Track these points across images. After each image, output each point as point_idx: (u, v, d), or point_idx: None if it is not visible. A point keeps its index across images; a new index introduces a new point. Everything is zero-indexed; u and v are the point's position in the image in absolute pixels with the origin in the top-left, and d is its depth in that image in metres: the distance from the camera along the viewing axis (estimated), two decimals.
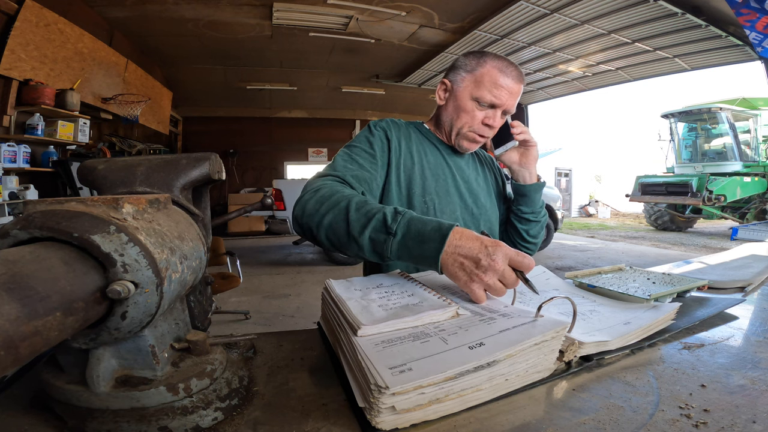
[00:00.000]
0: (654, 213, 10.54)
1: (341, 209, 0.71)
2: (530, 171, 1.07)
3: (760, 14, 4.11)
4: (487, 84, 0.97)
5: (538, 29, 5.91)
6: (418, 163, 1.04)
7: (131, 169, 0.56)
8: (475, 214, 1.08)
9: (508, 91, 0.97)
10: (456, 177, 1.08)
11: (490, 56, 1.00)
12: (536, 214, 1.11)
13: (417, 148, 1.06)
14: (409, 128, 1.10)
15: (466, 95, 1.00)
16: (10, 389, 0.50)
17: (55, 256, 0.35)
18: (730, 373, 0.54)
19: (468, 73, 1.01)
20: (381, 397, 0.41)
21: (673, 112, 9.97)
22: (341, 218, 0.70)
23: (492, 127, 1.01)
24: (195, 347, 0.48)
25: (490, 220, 1.10)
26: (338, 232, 0.71)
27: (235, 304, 3.94)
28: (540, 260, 6.05)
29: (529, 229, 1.12)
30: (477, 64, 1.00)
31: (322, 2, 5.18)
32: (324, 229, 0.72)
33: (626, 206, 14.58)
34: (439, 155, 1.09)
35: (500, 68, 0.97)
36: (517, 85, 0.98)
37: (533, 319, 0.54)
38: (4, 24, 3.50)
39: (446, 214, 1.03)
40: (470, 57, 1.02)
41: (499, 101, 0.97)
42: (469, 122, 1.01)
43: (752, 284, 1.02)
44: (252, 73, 7.97)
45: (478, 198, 1.09)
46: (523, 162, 1.06)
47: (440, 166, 1.07)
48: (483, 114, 1.00)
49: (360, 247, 0.69)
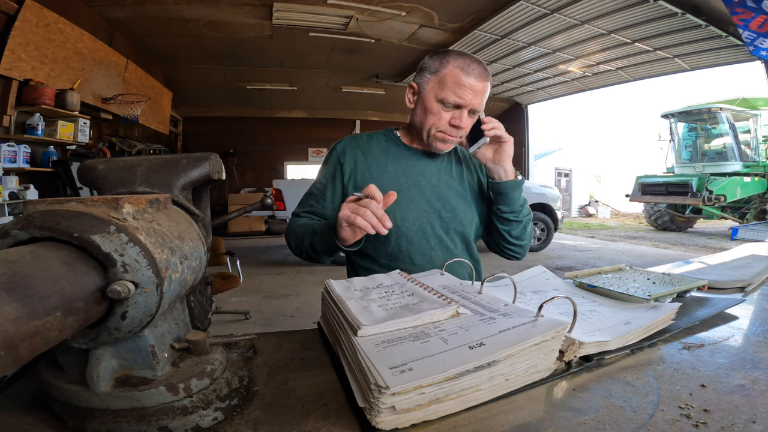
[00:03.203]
0: (654, 213, 10.54)
1: (295, 235, 1.04)
2: (505, 168, 1.04)
3: (756, 13, 4.11)
4: (450, 85, 0.96)
5: (538, 29, 5.91)
6: (378, 176, 1.06)
7: (131, 169, 0.56)
8: (444, 217, 1.07)
9: (471, 91, 0.96)
10: (422, 182, 1.07)
11: (453, 55, 0.98)
12: (516, 214, 1.07)
13: (378, 161, 1.08)
14: (371, 141, 1.12)
15: (432, 97, 0.99)
16: (10, 389, 0.50)
17: (55, 256, 0.35)
18: (730, 373, 0.54)
19: (432, 74, 1.00)
20: (381, 397, 0.41)
21: (673, 112, 9.97)
22: (297, 240, 1.03)
23: (459, 127, 0.99)
24: (195, 347, 0.48)
25: (462, 223, 1.09)
26: (298, 246, 1.02)
27: (235, 304, 3.94)
28: (540, 260, 6.06)
29: (510, 230, 1.09)
30: (440, 65, 0.98)
31: (322, 2, 5.18)
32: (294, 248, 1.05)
33: (626, 206, 14.58)
34: (406, 161, 1.09)
35: (462, 67, 0.96)
36: (480, 83, 0.97)
37: (533, 319, 0.54)
38: (4, 24, 3.50)
39: (408, 221, 1.04)
40: (434, 58, 1.01)
41: (463, 101, 0.96)
42: (437, 123, 1.00)
43: (752, 284, 1.02)
44: (252, 73, 7.96)
45: (447, 201, 1.08)
46: (497, 159, 1.03)
47: (404, 174, 1.07)
48: (449, 115, 0.99)
49: (308, 252, 0.99)
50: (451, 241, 1.08)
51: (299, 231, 1.02)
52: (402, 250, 1.04)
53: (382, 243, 1.04)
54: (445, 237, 1.08)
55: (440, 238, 1.07)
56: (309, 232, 0.97)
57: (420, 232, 1.05)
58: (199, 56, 6.92)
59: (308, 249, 0.98)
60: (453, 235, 1.09)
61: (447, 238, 1.08)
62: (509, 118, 10.91)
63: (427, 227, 1.06)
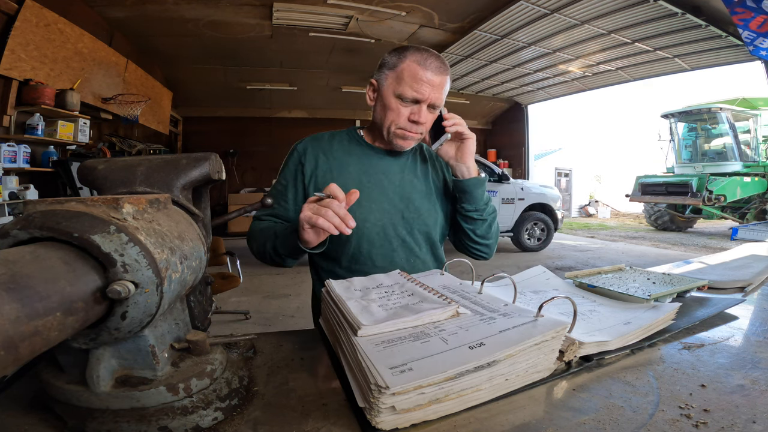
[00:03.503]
0: (654, 213, 10.54)
1: (257, 240, 1.02)
2: (467, 165, 1.02)
3: (755, 13, 4.11)
4: (407, 79, 0.95)
5: (538, 29, 5.91)
6: (339, 177, 1.04)
7: (131, 169, 0.56)
8: (407, 217, 1.05)
9: (429, 85, 0.94)
10: (384, 182, 1.06)
11: (411, 50, 0.97)
12: (480, 212, 1.06)
13: (339, 161, 1.06)
14: (333, 140, 1.11)
15: (390, 93, 0.98)
16: (10, 389, 0.50)
17: (55, 256, 0.35)
18: (730, 373, 0.54)
19: (390, 70, 0.99)
20: (381, 397, 0.41)
21: (673, 112, 9.97)
22: (259, 244, 1.01)
23: (419, 122, 0.98)
24: (195, 347, 0.48)
25: (426, 223, 1.07)
26: (260, 251, 1.00)
27: (235, 304, 3.94)
28: (540, 260, 6.06)
29: (475, 229, 1.07)
30: (398, 60, 0.97)
31: (322, 2, 5.18)
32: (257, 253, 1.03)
33: (626, 206, 14.58)
34: (368, 160, 1.07)
35: (419, 62, 0.95)
36: (438, 77, 0.95)
37: (533, 319, 0.54)
38: (4, 24, 3.50)
39: (369, 222, 1.02)
40: (392, 53, 1.00)
41: (422, 96, 0.95)
42: (396, 120, 0.99)
43: (752, 284, 1.02)
44: (252, 73, 7.96)
45: (411, 201, 1.06)
46: (459, 156, 1.02)
47: (367, 174, 1.06)
48: (408, 110, 0.98)
49: (270, 255, 0.97)
50: (414, 242, 1.07)
51: (261, 235, 1.00)
52: (363, 252, 1.02)
53: (342, 245, 1.02)
54: (408, 238, 1.06)
55: (403, 239, 1.05)
56: (271, 236, 0.95)
57: (382, 233, 1.03)
58: (199, 56, 6.92)
59: (271, 253, 0.96)
60: (417, 235, 1.07)
61: (410, 239, 1.06)
62: (509, 118, 10.92)
63: (389, 228, 1.04)
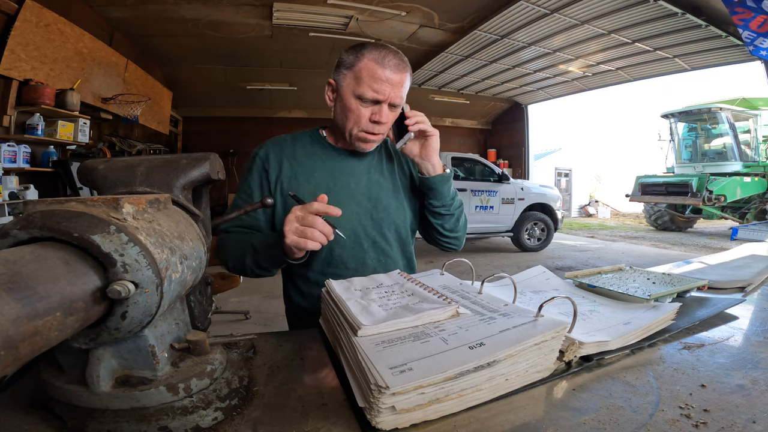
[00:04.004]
0: (654, 213, 10.55)
1: (232, 254, 0.97)
2: (432, 162, 1.01)
3: (756, 13, 4.12)
4: (365, 79, 0.91)
5: (538, 29, 5.91)
6: (304, 182, 1.02)
7: (131, 169, 0.56)
8: (376, 218, 1.04)
9: (388, 84, 0.91)
10: (351, 184, 1.04)
11: (369, 48, 0.94)
12: (447, 207, 1.05)
13: (303, 165, 1.04)
14: (296, 143, 1.08)
15: (349, 93, 0.95)
16: (10, 389, 0.50)
17: (55, 256, 0.35)
18: (730, 373, 0.54)
19: (347, 69, 0.95)
20: (381, 397, 0.41)
21: (673, 112, 9.97)
22: (235, 259, 0.96)
23: (380, 123, 0.95)
24: (195, 347, 0.48)
25: (395, 222, 1.06)
26: (238, 266, 0.96)
27: (235, 304, 3.94)
28: (540, 260, 6.06)
29: (443, 223, 1.07)
30: (355, 59, 0.93)
31: (322, 2, 5.18)
32: (233, 267, 0.98)
33: (626, 206, 14.57)
34: (333, 163, 1.05)
35: (377, 60, 0.91)
36: (397, 75, 0.92)
37: (533, 319, 0.54)
38: (4, 24, 3.50)
39: (339, 227, 0.96)
40: (349, 52, 0.96)
41: (382, 95, 0.92)
42: (357, 121, 0.96)
43: (752, 284, 1.02)
44: (252, 73, 7.96)
45: (379, 201, 1.05)
46: (423, 154, 1.00)
47: (332, 177, 1.04)
48: (369, 111, 0.94)
49: (251, 269, 0.94)
50: (385, 241, 1.06)
51: (235, 250, 0.97)
52: (335, 255, 1.01)
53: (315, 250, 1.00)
54: (379, 238, 1.05)
55: (373, 240, 1.04)
56: (249, 251, 0.93)
57: (352, 236, 1.02)
58: (199, 56, 6.92)
59: (252, 266, 0.93)
60: (387, 234, 1.06)
61: (380, 239, 1.05)
62: (509, 118, 10.92)
63: (359, 230, 1.03)
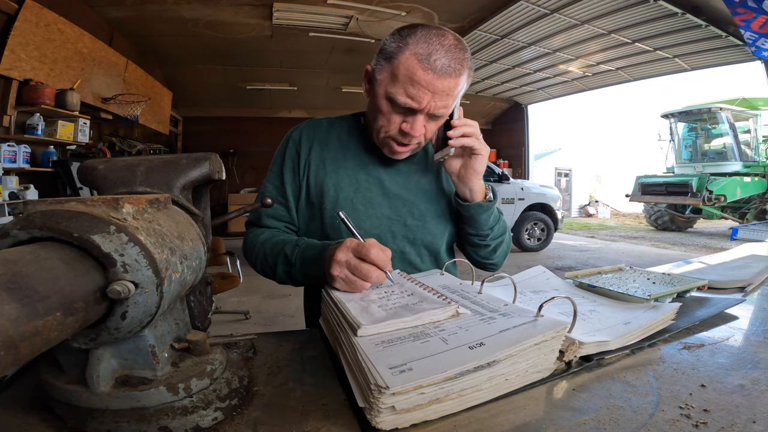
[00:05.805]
0: (654, 213, 10.55)
1: (262, 257, 0.85)
2: (470, 187, 0.81)
3: (757, 14, 4.12)
4: (402, 78, 0.70)
5: (538, 29, 5.92)
6: (332, 172, 0.87)
7: (131, 169, 0.56)
8: (411, 226, 0.88)
9: (429, 90, 0.69)
10: (385, 181, 0.88)
11: (417, 37, 0.70)
12: (483, 238, 0.87)
13: (334, 153, 0.89)
14: (332, 129, 0.91)
15: (382, 91, 0.75)
16: (10, 389, 0.50)
17: (55, 256, 0.35)
18: (730, 373, 0.54)
19: (386, 61, 0.74)
20: (381, 397, 0.41)
21: (673, 112, 9.98)
22: (265, 263, 0.85)
23: (412, 135, 0.75)
24: (195, 347, 0.48)
25: (432, 233, 0.89)
26: (268, 273, 0.86)
27: (235, 304, 3.94)
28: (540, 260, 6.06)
29: (477, 251, 0.92)
30: (396, 49, 0.72)
31: (322, 2, 5.18)
32: (261, 272, 0.88)
33: (626, 206, 14.58)
34: (369, 155, 0.89)
35: (421, 57, 0.69)
36: (443, 81, 0.69)
37: (533, 319, 0.54)
38: (4, 24, 3.50)
39: (363, 231, 0.84)
40: (394, 36, 0.74)
41: (416, 103, 0.71)
42: (385, 126, 0.77)
43: (752, 284, 1.02)
44: (252, 73, 7.96)
45: (416, 205, 0.88)
46: (462, 174, 0.80)
47: (365, 170, 0.88)
48: (400, 118, 0.76)
49: (282, 279, 0.83)
50: (416, 254, 0.90)
51: (266, 252, 0.84)
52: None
53: None
54: (409, 249, 0.89)
55: (402, 251, 0.88)
56: (281, 259, 0.80)
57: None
58: (199, 56, 6.92)
59: (283, 277, 0.82)
60: (420, 247, 0.90)
61: (412, 251, 0.89)
62: (509, 118, 10.92)
63: (387, 237, 0.87)
